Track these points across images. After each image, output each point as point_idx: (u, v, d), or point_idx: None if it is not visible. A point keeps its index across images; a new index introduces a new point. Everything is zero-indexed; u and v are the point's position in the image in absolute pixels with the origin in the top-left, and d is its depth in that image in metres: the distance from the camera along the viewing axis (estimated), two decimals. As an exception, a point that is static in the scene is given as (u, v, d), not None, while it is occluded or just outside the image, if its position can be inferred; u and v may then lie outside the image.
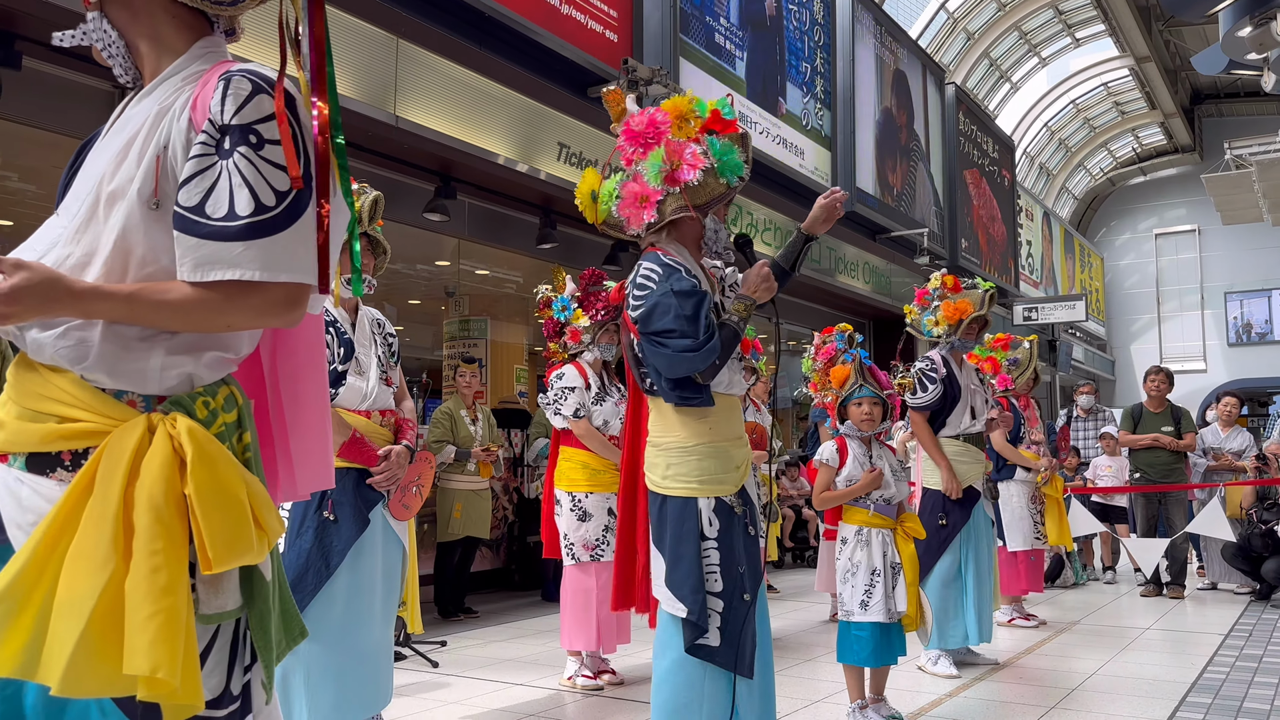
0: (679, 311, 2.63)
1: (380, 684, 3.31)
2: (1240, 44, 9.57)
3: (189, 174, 1.39)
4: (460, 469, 6.65)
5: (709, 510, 2.71)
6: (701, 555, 2.68)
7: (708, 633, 2.64)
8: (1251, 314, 26.72)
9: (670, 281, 2.69)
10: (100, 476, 1.33)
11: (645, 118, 2.80)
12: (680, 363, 2.64)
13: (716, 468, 2.73)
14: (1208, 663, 4.96)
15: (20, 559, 1.29)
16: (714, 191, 2.75)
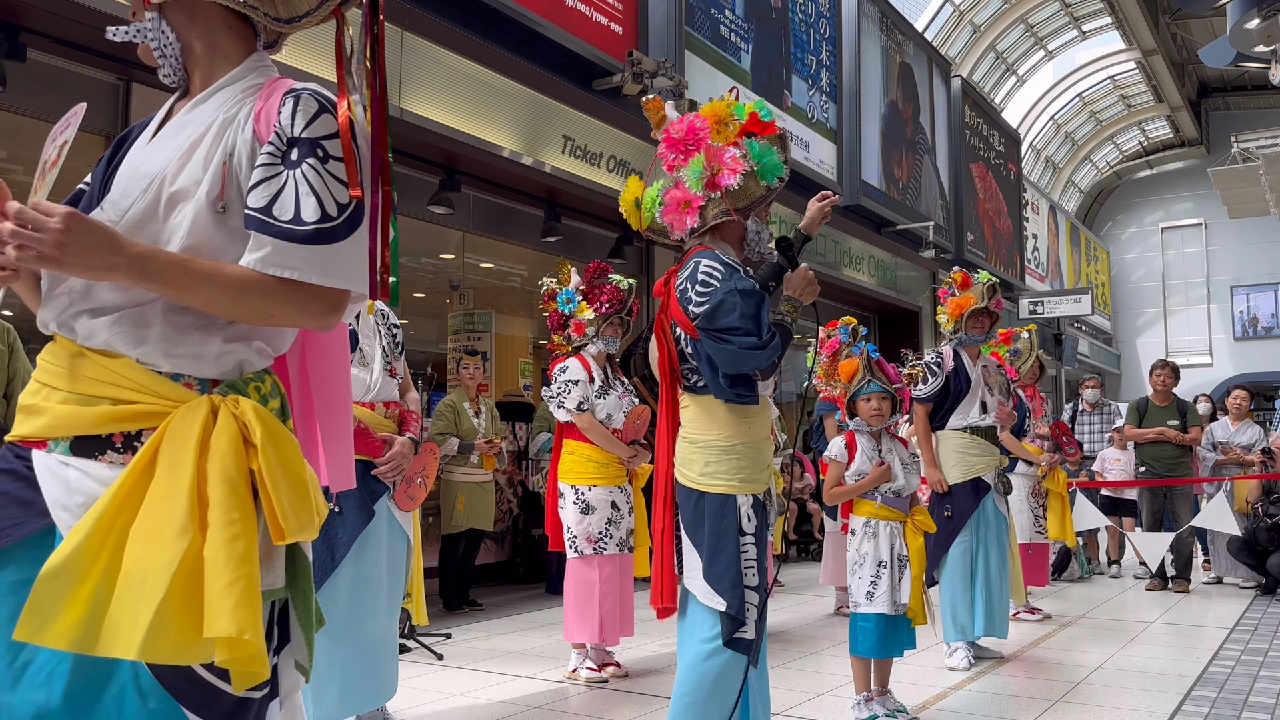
0: (744, 310, 2.69)
1: (385, 676, 3.32)
2: (1248, 36, 9.53)
3: (257, 179, 1.47)
4: (463, 461, 6.66)
5: (748, 507, 2.78)
6: (741, 551, 2.75)
7: (745, 625, 2.72)
8: (1258, 308, 26.65)
9: (734, 280, 2.75)
10: (165, 454, 1.38)
11: (685, 124, 2.87)
12: (745, 360, 2.71)
13: (753, 466, 2.81)
14: (1213, 656, 4.96)
15: (77, 536, 1.32)
16: (754, 194, 2.82)
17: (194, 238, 1.46)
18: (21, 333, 4.10)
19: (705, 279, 2.77)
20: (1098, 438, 9.08)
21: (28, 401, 1.46)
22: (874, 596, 3.69)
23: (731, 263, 2.82)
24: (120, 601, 1.30)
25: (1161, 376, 7.80)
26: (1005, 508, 5.11)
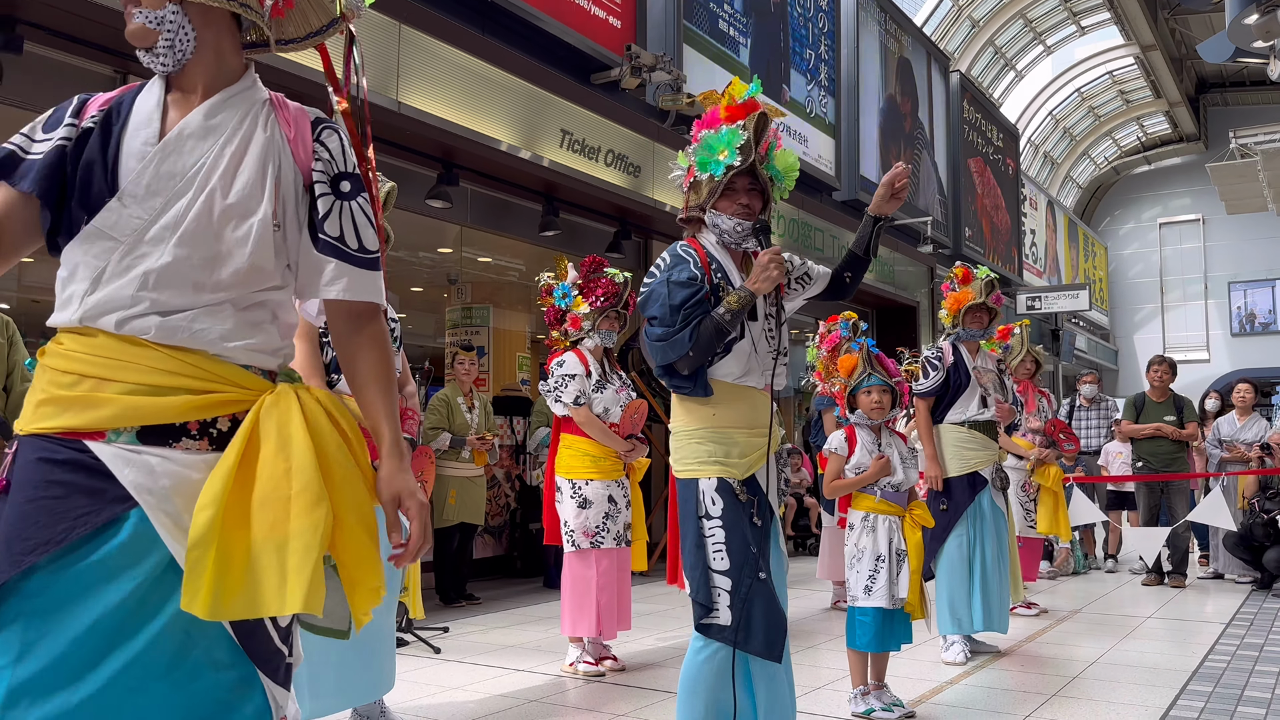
0: (665, 300, 2.70)
1: (382, 669, 3.32)
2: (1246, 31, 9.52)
3: (325, 210, 1.63)
4: (455, 456, 6.66)
5: (711, 490, 2.72)
6: (705, 534, 2.69)
7: (715, 611, 2.65)
8: (1255, 304, 26.67)
9: (672, 271, 2.75)
10: (267, 435, 1.49)
11: (697, 123, 2.87)
12: (655, 351, 2.72)
13: (718, 451, 2.74)
14: (1209, 651, 4.97)
15: (207, 514, 1.42)
16: (706, 187, 2.79)
17: (257, 256, 1.56)
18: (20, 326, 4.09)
19: (652, 269, 2.83)
20: (1095, 433, 9.09)
21: (67, 394, 1.47)
22: (872, 590, 3.70)
23: (685, 253, 2.80)
24: (265, 566, 1.43)
25: (1159, 372, 7.80)
26: (1004, 503, 5.11)
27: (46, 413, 1.47)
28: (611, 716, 3.77)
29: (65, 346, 1.50)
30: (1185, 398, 7.90)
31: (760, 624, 2.66)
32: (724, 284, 2.79)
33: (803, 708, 3.87)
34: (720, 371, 2.77)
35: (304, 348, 3.21)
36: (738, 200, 2.80)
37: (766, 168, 2.81)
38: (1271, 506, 7.10)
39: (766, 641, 2.66)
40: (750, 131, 2.74)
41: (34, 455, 1.46)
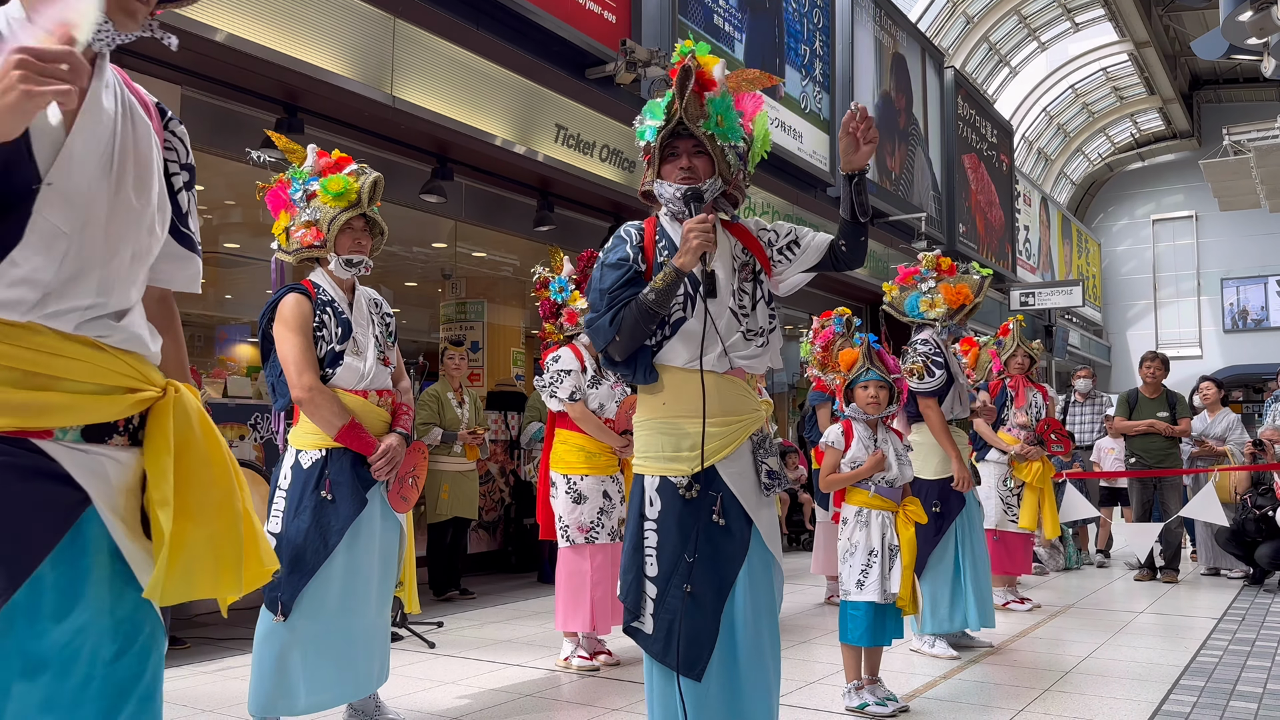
0: (597, 284, 2.57)
1: (377, 664, 3.32)
2: (1240, 28, 9.53)
3: (186, 206, 1.68)
4: (447, 451, 6.66)
5: (651, 489, 2.51)
6: (641, 535, 2.50)
7: (640, 617, 2.47)
8: (1248, 300, 26.76)
9: (608, 253, 2.61)
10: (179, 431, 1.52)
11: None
12: (589, 335, 2.59)
13: (666, 445, 2.52)
14: (1201, 646, 4.99)
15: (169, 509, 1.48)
16: (646, 158, 2.67)
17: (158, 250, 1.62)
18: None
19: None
20: (1089, 428, 9.12)
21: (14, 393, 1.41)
22: (864, 585, 3.72)
23: (625, 233, 2.64)
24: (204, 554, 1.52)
25: (1151, 368, 7.83)
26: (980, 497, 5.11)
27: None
28: (606, 711, 3.77)
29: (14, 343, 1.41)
30: (1178, 394, 7.93)
31: (682, 639, 2.41)
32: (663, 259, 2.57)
33: (796, 703, 3.88)
34: (668, 356, 2.53)
35: (298, 341, 3.20)
36: (679, 165, 2.58)
37: (706, 125, 2.52)
38: (1264, 502, 7.13)
39: (687, 659, 2.41)
40: (676, 90, 2.50)
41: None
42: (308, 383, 3.17)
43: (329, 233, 3.29)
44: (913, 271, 5.17)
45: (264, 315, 3.31)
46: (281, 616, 3.10)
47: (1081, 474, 8.40)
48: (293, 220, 3.34)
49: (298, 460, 3.25)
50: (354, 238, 3.36)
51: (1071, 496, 7.34)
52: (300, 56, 5.68)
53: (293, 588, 3.11)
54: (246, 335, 8.23)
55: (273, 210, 3.39)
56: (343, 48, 5.98)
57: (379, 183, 3.38)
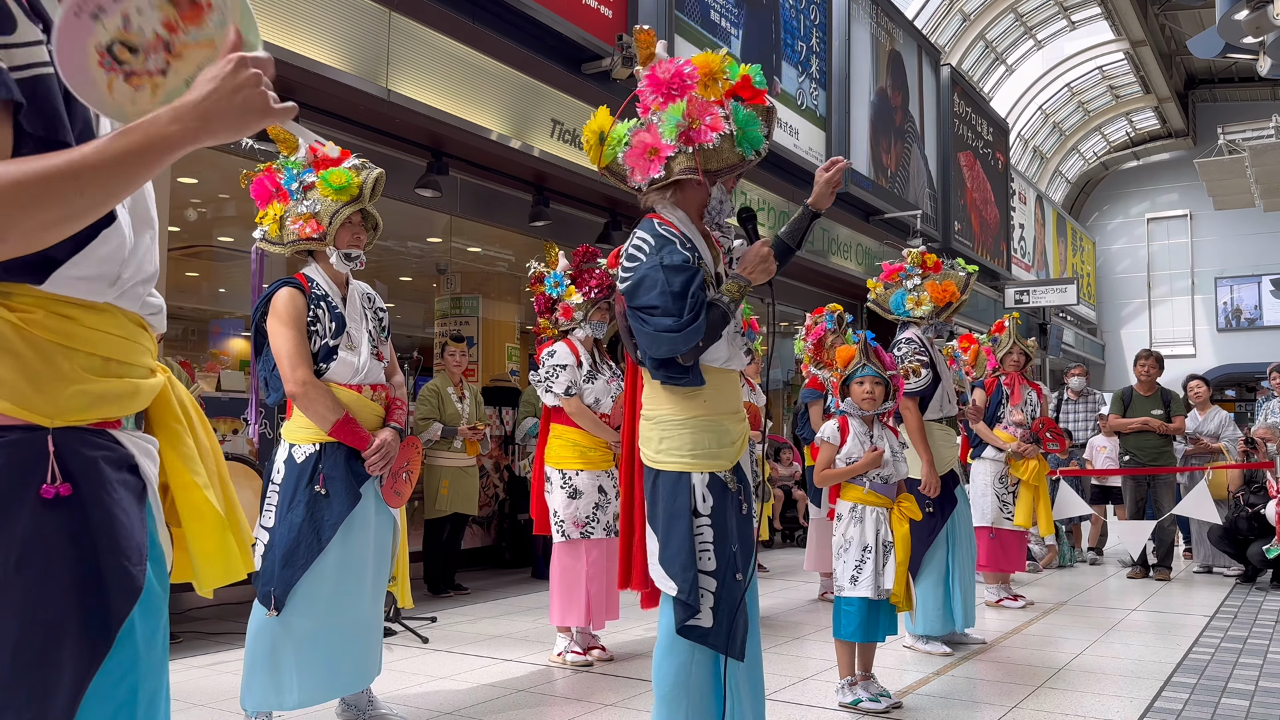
0: (665, 287, 2.50)
1: (370, 658, 3.32)
2: (1236, 27, 9.54)
3: None
4: (447, 446, 6.65)
5: (703, 486, 2.59)
6: (694, 532, 2.56)
7: (699, 613, 2.53)
8: (1241, 299, 26.82)
9: (662, 254, 2.54)
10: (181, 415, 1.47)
11: (672, 67, 2.60)
12: (661, 342, 2.52)
13: (711, 442, 2.62)
14: (1193, 644, 5.00)
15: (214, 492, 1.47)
16: (727, 160, 2.55)
17: None
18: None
19: (633, 252, 2.62)
20: (1083, 425, 9.13)
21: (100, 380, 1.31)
22: (858, 581, 3.72)
23: (668, 233, 2.60)
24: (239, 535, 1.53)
25: (1146, 366, 7.84)
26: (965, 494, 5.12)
27: (81, 402, 1.28)
28: (599, 706, 3.77)
29: (83, 323, 1.29)
30: (1172, 392, 7.95)
31: (740, 627, 2.57)
32: (699, 261, 2.62)
33: (789, 698, 3.88)
34: (709, 357, 2.64)
35: (292, 335, 3.19)
36: (734, 181, 2.73)
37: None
38: (1257, 500, 7.14)
39: (742, 644, 2.58)
40: (766, 124, 2.60)
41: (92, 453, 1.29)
42: (301, 377, 3.16)
43: (329, 226, 3.27)
44: (898, 269, 5.15)
45: (257, 309, 3.30)
46: (274, 611, 3.10)
47: (1076, 471, 8.41)
48: (287, 211, 3.31)
49: (291, 455, 3.24)
50: (352, 232, 3.35)
51: (1066, 494, 7.36)
52: (295, 49, 5.66)
53: (285, 582, 3.10)
54: (240, 329, 8.21)
55: (258, 198, 3.37)
56: (338, 41, 5.96)
57: (381, 179, 3.37)
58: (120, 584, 1.27)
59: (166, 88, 1.22)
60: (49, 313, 1.25)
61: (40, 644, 1.19)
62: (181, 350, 7.76)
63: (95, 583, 1.24)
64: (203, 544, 1.45)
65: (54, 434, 1.24)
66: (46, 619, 1.20)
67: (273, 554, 3.14)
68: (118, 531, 1.28)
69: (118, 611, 1.27)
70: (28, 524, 1.20)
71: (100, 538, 1.25)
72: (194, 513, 1.44)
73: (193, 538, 1.45)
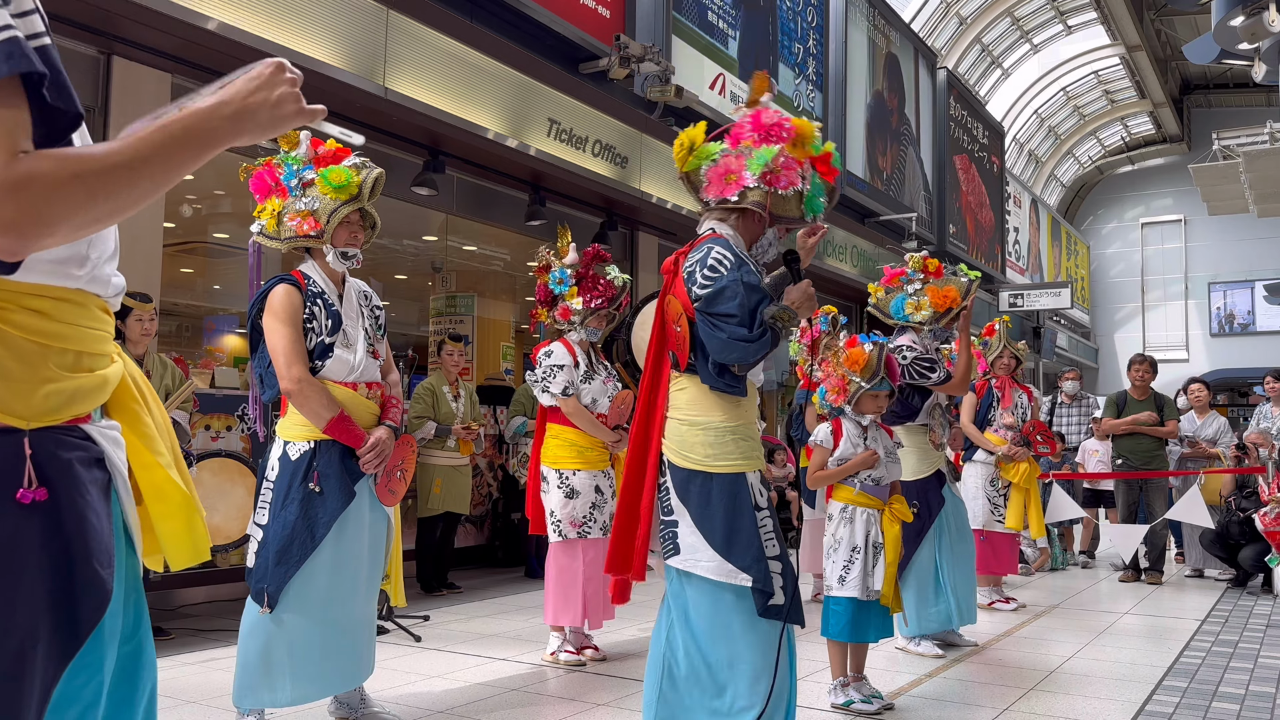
0: (744, 300, 2.77)
1: (362, 656, 3.32)
2: (1232, 33, 9.58)
3: None
4: (440, 445, 6.64)
5: (758, 483, 2.90)
6: (759, 525, 2.84)
7: (774, 594, 2.79)
8: (1234, 304, 26.91)
9: (742, 272, 2.83)
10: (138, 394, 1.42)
11: (777, 117, 2.93)
12: (732, 349, 2.78)
13: (753, 446, 2.92)
14: (1184, 648, 5.01)
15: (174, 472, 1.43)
16: (790, 211, 2.89)
17: None
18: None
19: (715, 264, 2.85)
20: (1076, 429, 9.15)
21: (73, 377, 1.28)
22: (846, 581, 3.74)
23: (742, 255, 2.89)
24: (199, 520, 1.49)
25: (1140, 371, 7.86)
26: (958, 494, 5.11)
27: (55, 402, 1.25)
28: (592, 706, 3.77)
29: (57, 318, 1.25)
30: (1166, 396, 7.97)
31: (798, 597, 2.88)
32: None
33: (782, 699, 3.88)
34: (751, 372, 2.94)
35: (288, 333, 3.19)
36: (787, 231, 3.08)
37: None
38: (1248, 505, 7.16)
39: (801, 609, 2.89)
40: (829, 196, 2.98)
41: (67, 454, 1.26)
42: (297, 374, 3.16)
43: (327, 224, 3.27)
44: (899, 273, 5.11)
45: (253, 306, 3.29)
46: (267, 608, 3.09)
47: (1068, 475, 8.43)
48: (285, 206, 3.31)
49: (285, 452, 3.23)
50: (350, 231, 3.34)
51: (1057, 497, 7.37)
52: (292, 46, 5.66)
53: (279, 579, 3.10)
54: (235, 326, 8.19)
55: (257, 193, 3.36)
56: (335, 38, 5.96)
57: (381, 179, 3.36)
58: (91, 591, 1.24)
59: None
60: (22, 308, 1.21)
61: (14, 653, 1.16)
62: (176, 346, 7.74)
63: (67, 590, 1.22)
64: (169, 523, 1.41)
65: (29, 436, 1.21)
66: (21, 627, 1.17)
67: (266, 551, 3.14)
68: (90, 536, 1.25)
69: (88, 619, 1.24)
70: (3, 530, 1.17)
71: (74, 543, 1.23)
72: (157, 493, 1.40)
73: (158, 518, 1.41)
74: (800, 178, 2.87)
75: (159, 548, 1.45)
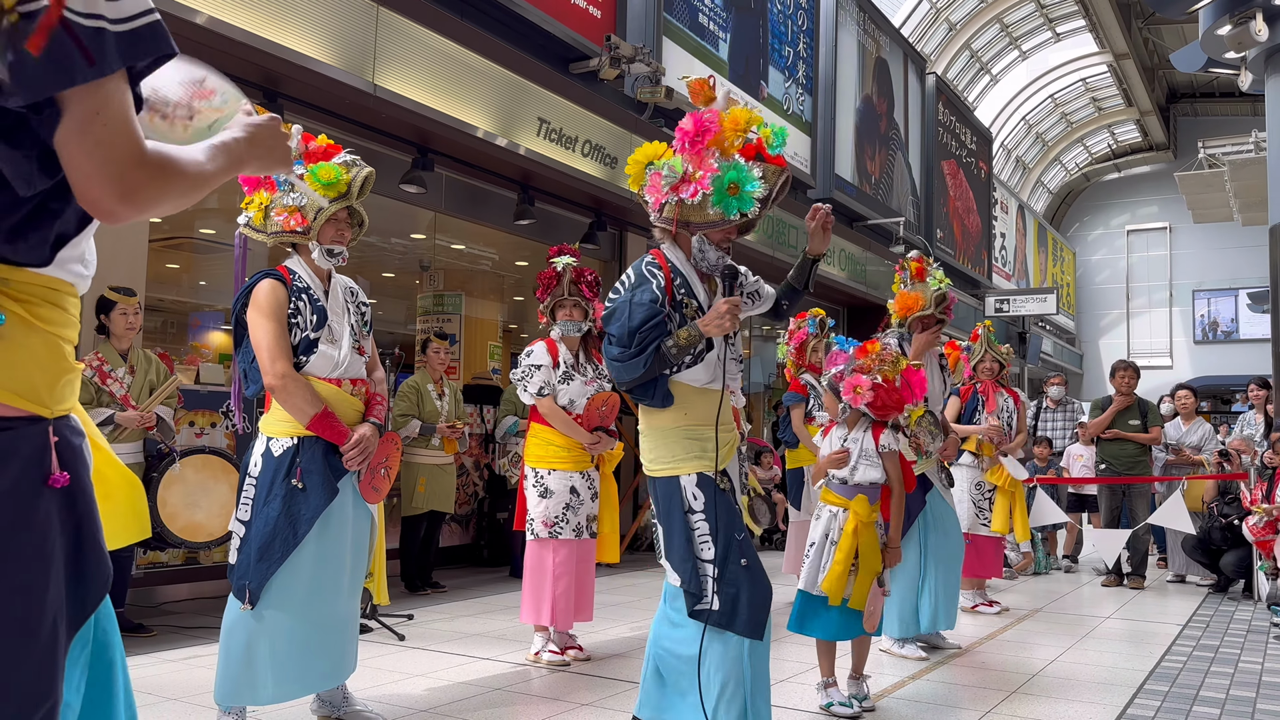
0: (625, 321, 2.81)
1: (345, 654, 3.30)
2: (1219, 42, 9.64)
3: None
4: (425, 444, 6.62)
5: (692, 485, 2.86)
6: (690, 527, 2.83)
7: (705, 597, 2.78)
8: (1218, 312, 27.09)
9: (635, 291, 2.85)
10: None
11: (698, 119, 2.82)
12: (611, 367, 2.87)
13: (695, 448, 2.88)
14: (1165, 652, 5.04)
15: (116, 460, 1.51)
16: (707, 218, 2.82)
17: None
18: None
19: (619, 285, 2.92)
20: (1061, 434, 9.20)
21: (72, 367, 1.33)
22: (803, 574, 3.82)
23: (650, 272, 2.86)
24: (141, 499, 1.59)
25: (1125, 377, 7.90)
26: (950, 500, 5.11)
27: (67, 391, 1.32)
28: (575, 706, 3.77)
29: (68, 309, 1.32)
30: (1150, 402, 8.01)
31: (748, 606, 2.78)
32: (687, 299, 2.91)
33: (766, 700, 3.88)
34: (688, 377, 2.91)
35: (272, 327, 3.17)
36: (728, 235, 2.95)
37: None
38: (1230, 511, 7.21)
39: (754, 623, 2.78)
40: (774, 190, 2.86)
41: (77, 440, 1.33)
42: (281, 370, 3.14)
43: (314, 221, 3.26)
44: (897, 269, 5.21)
45: (238, 300, 3.27)
46: (249, 605, 3.07)
47: (1052, 479, 8.47)
48: (273, 200, 3.29)
49: (269, 448, 3.22)
50: (337, 228, 3.34)
51: (1042, 501, 7.40)
52: (281, 41, 5.63)
53: (261, 576, 3.08)
54: (220, 322, 8.15)
55: (245, 184, 3.34)
56: (324, 34, 5.93)
57: (370, 178, 3.35)
58: (98, 571, 1.32)
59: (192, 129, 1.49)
60: (46, 302, 1.28)
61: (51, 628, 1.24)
62: (161, 342, 7.70)
63: (78, 567, 1.30)
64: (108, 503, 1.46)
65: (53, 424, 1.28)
66: (55, 602, 1.25)
67: (248, 548, 3.12)
68: (95, 515, 1.33)
69: (94, 597, 1.32)
70: (42, 513, 1.24)
71: (83, 523, 1.31)
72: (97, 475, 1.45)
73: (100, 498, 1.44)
74: (710, 181, 2.75)
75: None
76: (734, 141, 2.80)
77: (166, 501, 4.82)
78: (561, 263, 4.67)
